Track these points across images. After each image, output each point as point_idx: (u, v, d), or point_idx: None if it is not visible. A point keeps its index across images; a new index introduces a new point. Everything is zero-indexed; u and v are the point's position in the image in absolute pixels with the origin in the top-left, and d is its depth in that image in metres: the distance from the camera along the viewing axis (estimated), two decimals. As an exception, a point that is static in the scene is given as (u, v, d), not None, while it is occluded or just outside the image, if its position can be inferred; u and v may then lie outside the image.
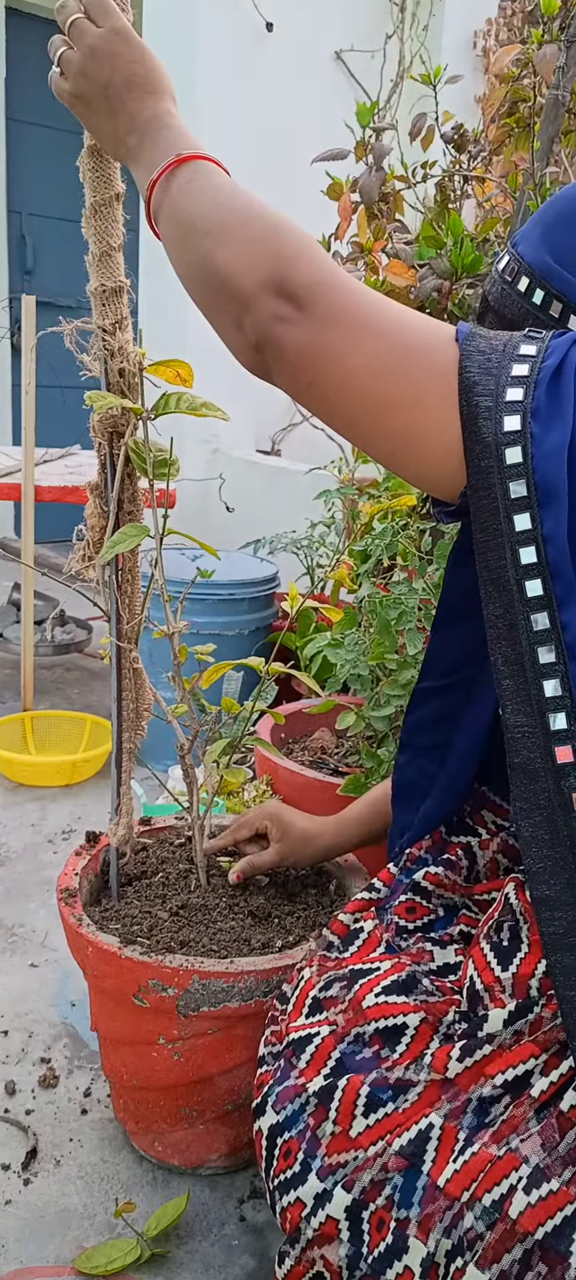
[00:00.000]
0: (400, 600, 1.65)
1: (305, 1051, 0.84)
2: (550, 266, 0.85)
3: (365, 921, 0.96)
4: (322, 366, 0.74)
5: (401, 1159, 0.74)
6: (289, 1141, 0.80)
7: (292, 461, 3.70)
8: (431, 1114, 0.75)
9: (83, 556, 1.15)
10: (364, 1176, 0.75)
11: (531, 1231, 0.66)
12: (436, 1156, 0.73)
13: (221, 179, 0.84)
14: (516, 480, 0.71)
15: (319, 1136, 0.78)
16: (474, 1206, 0.69)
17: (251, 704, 1.52)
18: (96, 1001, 1.17)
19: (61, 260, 4.59)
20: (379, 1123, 0.77)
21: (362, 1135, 0.77)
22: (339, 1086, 0.79)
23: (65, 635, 2.97)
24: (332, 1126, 0.78)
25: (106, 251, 1.07)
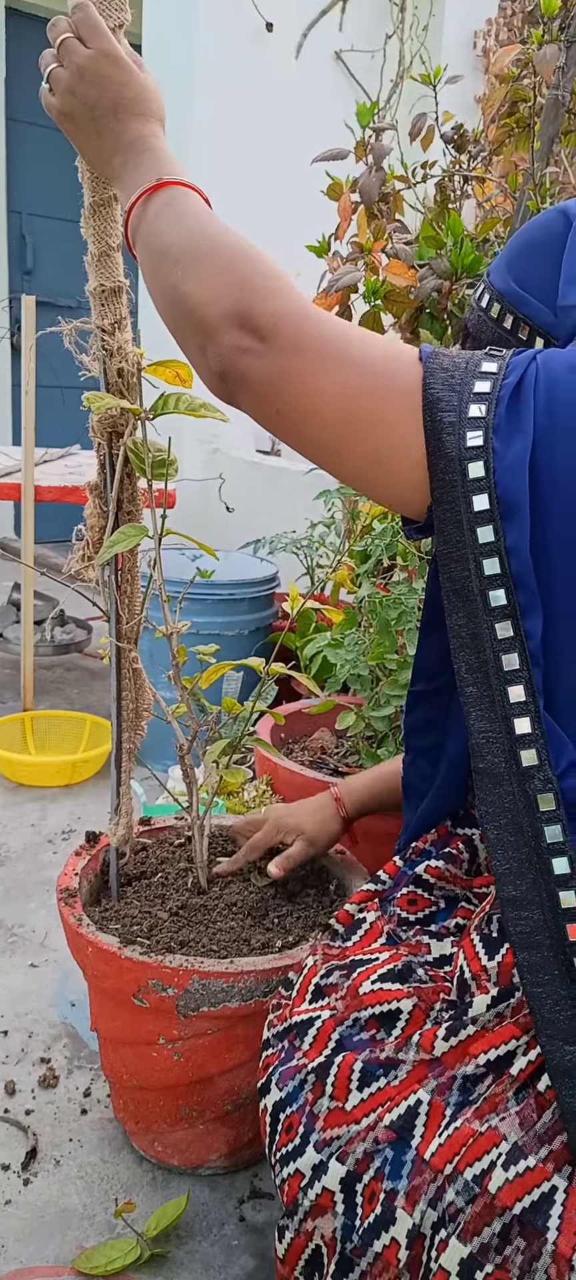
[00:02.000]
0: (400, 600, 1.65)
1: (307, 1034, 0.87)
2: (516, 292, 0.90)
3: (368, 912, 0.98)
4: (290, 395, 0.75)
5: (392, 1132, 0.76)
6: (290, 1117, 0.83)
7: (292, 461, 3.70)
8: (419, 1090, 0.77)
9: (82, 556, 1.15)
10: (357, 1148, 0.78)
11: (509, 1206, 0.68)
12: (425, 1131, 0.75)
13: (198, 206, 0.85)
14: (479, 494, 0.73)
15: (316, 1112, 0.82)
16: (456, 1180, 0.71)
17: (251, 704, 1.52)
18: (96, 1001, 1.17)
19: (61, 260, 4.60)
20: (372, 1096, 0.80)
21: (357, 1108, 0.79)
22: (335, 1063, 0.83)
23: (65, 635, 2.97)
24: (329, 1101, 0.81)
25: (105, 251, 1.07)
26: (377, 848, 1.58)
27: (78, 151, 0.97)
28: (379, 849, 1.58)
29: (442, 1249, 0.70)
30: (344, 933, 0.98)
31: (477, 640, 0.73)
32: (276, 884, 1.28)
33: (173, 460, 1.12)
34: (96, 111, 0.89)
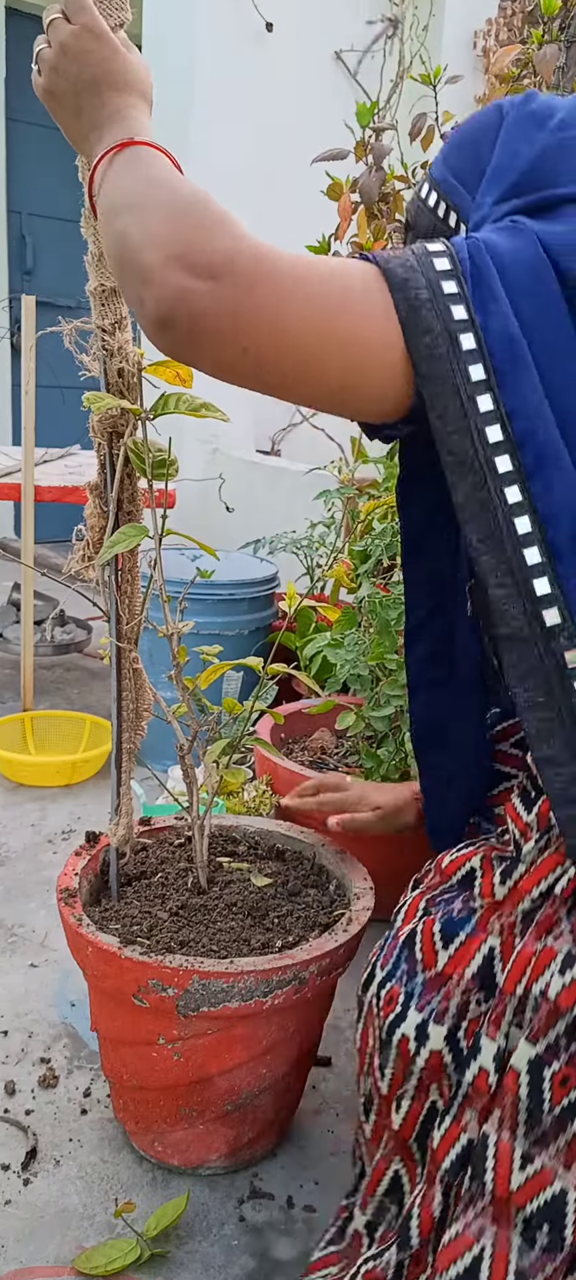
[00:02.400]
0: (400, 600, 1.65)
1: (400, 912, 0.97)
2: (449, 182, 0.92)
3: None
4: (255, 330, 0.73)
5: (475, 980, 0.86)
6: (391, 990, 0.90)
7: (293, 461, 3.70)
8: (488, 939, 0.86)
9: (82, 556, 1.15)
10: (452, 1004, 0.86)
11: (570, 1006, 0.75)
12: (500, 967, 0.84)
13: (161, 164, 0.83)
14: (474, 364, 0.75)
15: (413, 978, 0.89)
16: (527, 998, 0.79)
17: (251, 704, 1.52)
18: (96, 1001, 1.17)
19: (61, 260, 4.59)
20: (457, 951, 0.88)
21: (446, 966, 0.87)
22: (418, 930, 0.91)
23: (65, 635, 2.97)
24: (421, 968, 0.89)
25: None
26: (378, 848, 1.58)
27: (62, 129, 0.94)
28: (379, 849, 1.58)
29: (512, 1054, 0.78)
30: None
31: (486, 509, 0.75)
32: (276, 884, 1.28)
33: (173, 460, 1.12)
34: (78, 86, 0.88)
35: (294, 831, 1.42)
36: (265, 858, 1.37)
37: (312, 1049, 1.24)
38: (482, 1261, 0.77)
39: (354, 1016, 1.49)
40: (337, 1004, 1.45)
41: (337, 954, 1.11)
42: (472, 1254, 0.78)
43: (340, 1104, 1.32)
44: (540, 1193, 0.76)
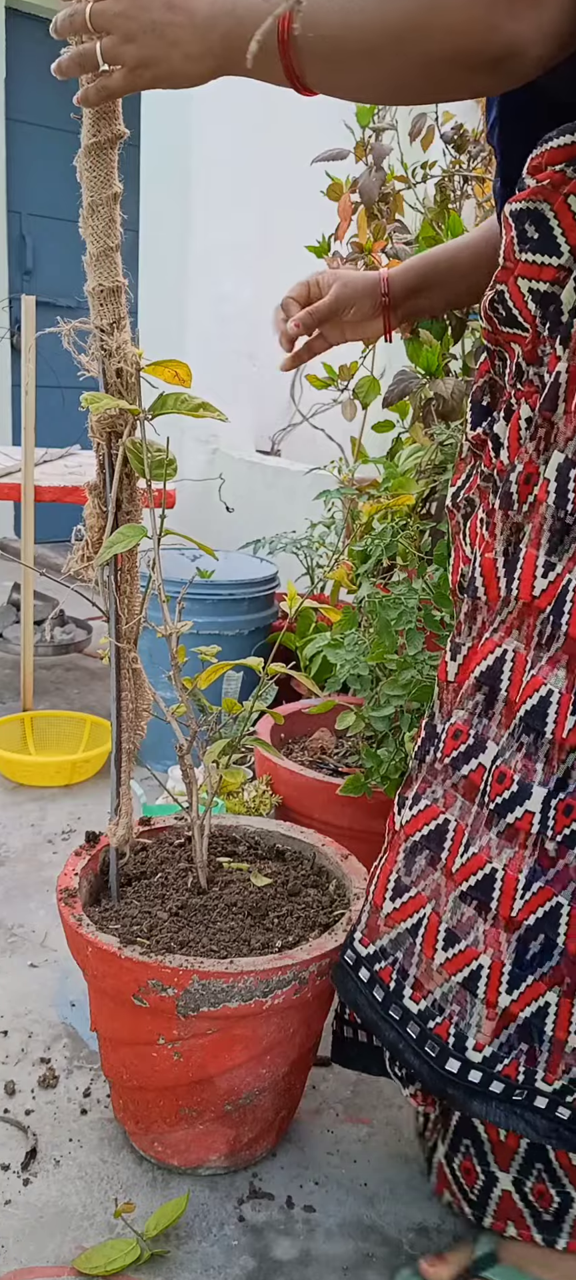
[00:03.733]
0: (400, 600, 1.65)
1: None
2: None
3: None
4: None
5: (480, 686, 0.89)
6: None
7: (292, 461, 3.70)
8: (506, 643, 0.87)
9: (82, 556, 1.15)
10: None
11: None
12: (510, 683, 0.87)
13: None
14: None
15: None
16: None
17: (251, 704, 1.52)
18: (96, 1002, 1.17)
19: (61, 260, 4.60)
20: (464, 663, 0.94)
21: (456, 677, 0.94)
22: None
23: (65, 635, 2.97)
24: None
25: (104, 251, 1.07)
26: (378, 848, 1.58)
27: (173, 85, 0.91)
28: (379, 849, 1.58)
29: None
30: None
31: None
32: (276, 884, 1.28)
33: (172, 460, 1.12)
34: (157, 27, 0.86)
35: (294, 831, 1.42)
36: (265, 858, 1.37)
37: (312, 1049, 1.24)
38: (504, 664, 0.86)
39: (354, 1016, 1.50)
40: (337, 1004, 1.45)
41: (338, 954, 1.11)
42: (496, 656, 0.86)
43: (340, 1104, 1.32)
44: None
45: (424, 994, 0.91)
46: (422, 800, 0.92)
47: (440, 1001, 0.89)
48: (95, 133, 1.04)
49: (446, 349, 1.92)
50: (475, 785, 0.88)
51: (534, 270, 0.83)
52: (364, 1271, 1.07)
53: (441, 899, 0.90)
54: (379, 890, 0.96)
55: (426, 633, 1.63)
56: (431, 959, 0.90)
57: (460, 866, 0.87)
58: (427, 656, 1.64)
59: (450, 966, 0.88)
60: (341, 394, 2.20)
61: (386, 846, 0.98)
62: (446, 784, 0.90)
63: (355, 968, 0.98)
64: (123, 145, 1.06)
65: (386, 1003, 0.94)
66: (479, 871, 0.86)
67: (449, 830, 0.90)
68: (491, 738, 0.87)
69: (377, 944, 0.95)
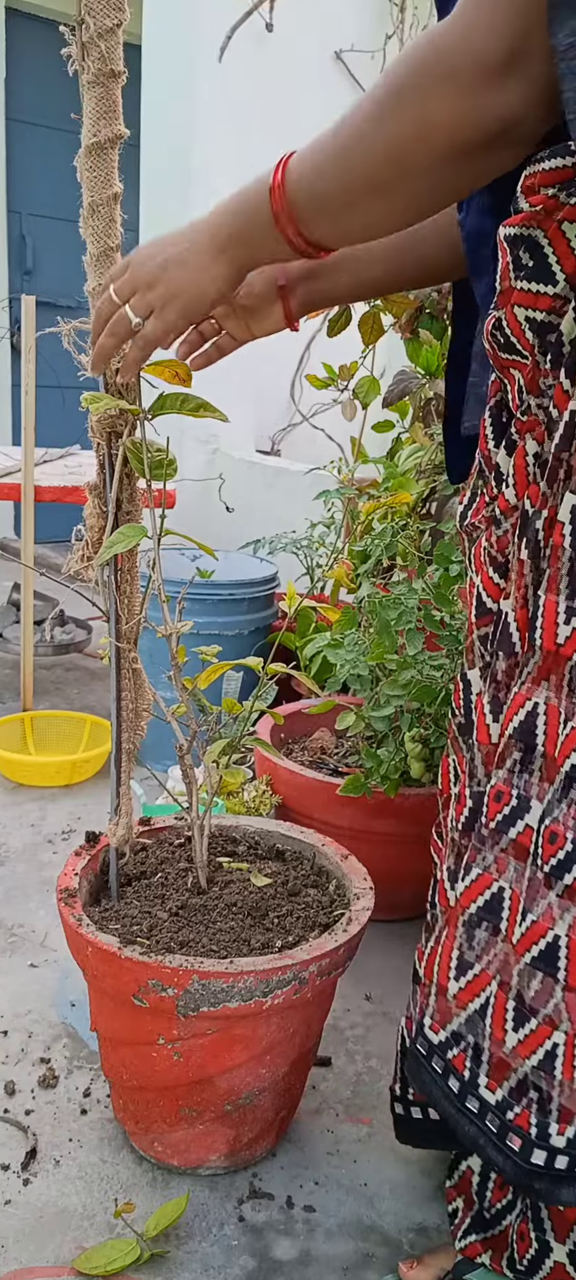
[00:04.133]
0: (400, 600, 1.65)
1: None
2: None
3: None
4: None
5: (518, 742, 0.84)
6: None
7: (293, 461, 3.70)
8: (535, 695, 0.82)
9: (82, 556, 1.15)
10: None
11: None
12: (546, 737, 0.81)
13: (315, 146, 0.84)
14: None
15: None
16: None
17: (251, 704, 1.52)
18: (96, 1001, 1.17)
19: (61, 260, 4.60)
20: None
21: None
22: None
23: (65, 635, 2.97)
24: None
25: (104, 251, 1.07)
26: (378, 848, 1.58)
27: (204, 304, 0.97)
28: (379, 849, 1.58)
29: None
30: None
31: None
32: (276, 884, 1.28)
33: (172, 460, 1.12)
34: (169, 262, 0.93)
35: (294, 831, 1.42)
36: (265, 858, 1.37)
37: (312, 1049, 1.24)
38: (537, 718, 0.81)
39: (354, 1017, 1.50)
40: (337, 1004, 1.45)
41: (337, 954, 1.11)
42: (527, 710, 0.81)
43: (340, 1104, 1.32)
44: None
45: (500, 1081, 0.84)
46: (474, 869, 0.86)
47: (517, 1089, 0.83)
48: (95, 133, 1.04)
49: (446, 349, 1.92)
50: (525, 848, 0.83)
51: (529, 299, 0.81)
52: (364, 1271, 1.07)
53: (505, 973, 0.84)
54: (443, 970, 0.88)
55: (426, 633, 1.63)
56: (502, 1041, 0.83)
57: (521, 936, 0.82)
58: (427, 656, 1.64)
59: (523, 1049, 0.82)
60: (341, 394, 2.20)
61: (444, 922, 0.91)
62: (495, 850, 0.85)
63: (428, 1057, 0.91)
64: (123, 145, 1.06)
65: (462, 1094, 0.87)
66: (540, 941, 0.80)
67: (504, 898, 0.84)
68: (535, 795, 0.82)
69: (449, 1029, 0.88)
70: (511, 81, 0.73)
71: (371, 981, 1.59)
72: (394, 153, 0.79)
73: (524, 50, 0.72)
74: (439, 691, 1.61)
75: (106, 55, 0.99)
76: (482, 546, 0.90)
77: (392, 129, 0.78)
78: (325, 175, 0.84)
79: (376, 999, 1.55)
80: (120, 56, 1.00)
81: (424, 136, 0.77)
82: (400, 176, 0.80)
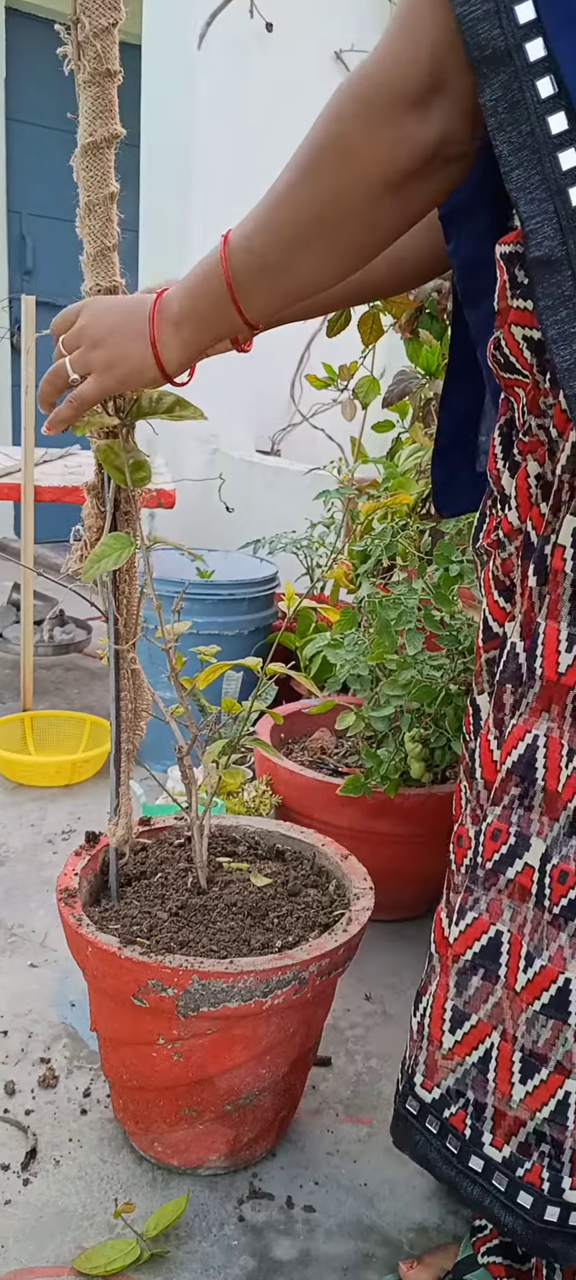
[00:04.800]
0: (399, 600, 1.65)
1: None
2: None
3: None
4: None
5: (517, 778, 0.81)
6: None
7: (292, 461, 3.70)
8: (535, 727, 0.80)
9: (80, 557, 1.15)
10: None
11: None
12: (546, 771, 0.78)
13: (254, 214, 0.84)
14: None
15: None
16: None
17: (251, 704, 1.52)
18: (96, 1002, 1.17)
19: (61, 260, 4.59)
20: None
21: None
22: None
23: (65, 635, 2.97)
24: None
25: (101, 251, 1.07)
26: (378, 848, 1.58)
27: (144, 380, 0.95)
28: (379, 849, 1.58)
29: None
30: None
31: (517, 111, 0.68)
32: (276, 884, 1.28)
33: (144, 463, 1.10)
34: (118, 326, 0.92)
35: (294, 831, 1.42)
36: (265, 858, 1.37)
37: (312, 1049, 1.24)
38: (537, 750, 0.78)
39: (354, 1017, 1.50)
40: (337, 1004, 1.45)
41: (337, 954, 1.11)
42: (527, 743, 0.79)
43: (340, 1104, 1.32)
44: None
45: (506, 1138, 0.80)
46: (468, 914, 0.82)
47: (526, 1144, 0.79)
48: (91, 132, 1.03)
49: (446, 349, 1.92)
50: (525, 888, 0.79)
51: (526, 317, 0.79)
52: (364, 1272, 1.07)
53: (507, 1022, 0.80)
54: (434, 1022, 0.84)
55: (426, 633, 1.63)
56: (508, 1096, 0.79)
57: (527, 983, 0.78)
58: (427, 656, 1.64)
59: (532, 1101, 0.78)
60: (341, 394, 2.20)
61: (437, 969, 0.87)
62: (491, 891, 0.81)
63: (420, 1117, 0.86)
64: (122, 145, 1.06)
65: (464, 1154, 0.83)
66: (551, 986, 0.77)
67: (503, 943, 0.80)
68: (534, 832, 0.78)
69: (443, 1085, 0.84)
70: (435, 105, 0.71)
71: (371, 981, 1.59)
72: (326, 198, 0.77)
73: (443, 73, 0.70)
74: (439, 691, 1.61)
75: (102, 55, 0.99)
76: (489, 569, 0.88)
77: (322, 174, 0.77)
78: (260, 233, 0.82)
79: (376, 999, 1.55)
80: (116, 56, 1.00)
81: (355, 176, 0.75)
82: (335, 221, 0.78)
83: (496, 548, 0.87)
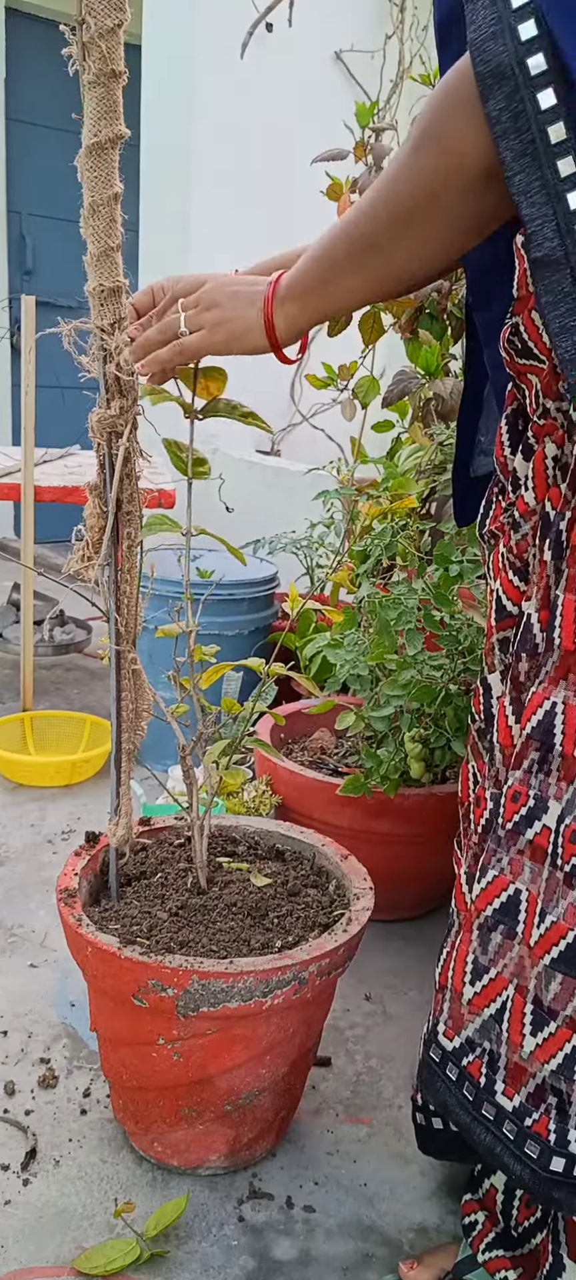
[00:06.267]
0: (400, 600, 1.65)
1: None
2: None
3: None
4: None
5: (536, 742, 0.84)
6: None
7: (292, 461, 3.70)
8: (554, 694, 0.82)
9: (81, 557, 1.15)
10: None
11: None
12: (564, 737, 0.81)
13: (326, 238, 0.90)
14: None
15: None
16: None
17: (251, 704, 1.52)
18: (96, 1002, 1.17)
19: (61, 260, 4.60)
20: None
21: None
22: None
23: (65, 635, 2.97)
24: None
25: (105, 251, 1.07)
26: (378, 848, 1.58)
27: (247, 345, 1.00)
28: (379, 849, 1.58)
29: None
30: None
31: (520, 120, 0.72)
32: (276, 884, 1.28)
33: (204, 459, 1.17)
34: (240, 293, 0.98)
35: (294, 831, 1.42)
36: (265, 858, 1.37)
37: (312, 1049, 1.24)
38: (555, 717, 0.81)
39: (354, 1017, 1.50)
40: (337, 1004, 1.45)
41: (337, 954, 1.11)
42: (545, 709, 0.82)
43: (340, 1104, 1.32)
44: None
45: (517, 1088, 0.83)
46: (490, 871, 0.85)
47: (535, 1095, 0.82)
48: (96, 133, 1.03)
49: (446, 349, 1.92)
50: (542, 849, 0.82)
51: None
52: (364, 1272, 1.07)
53: (523, 976, 0.83)
54: (457, 975, 0.87)
55: (426, 633, 1.63)
56: (520, 1046, 0.82)
57: (539, 939, 0.81)
58: (427, 656, 1.64)
59: (542, 1053, 0.81)
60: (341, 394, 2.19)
61: (459, 926, 0.91)
62: (512, 851, 0.84)
63: (442, 1064, 0.89)
64: (123, 146, 1.06)
65: (478, 1101, 0.86)
66: (560, 942, 0.79)
67: (521, 900, 0.83)
68: (552, 795, 0.81)
69: (463, 1035, 0.87)
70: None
71: (371, 981, 1.59)
72: (421, 186, 0.80)
73: None
74: (439, 691, 1.61)
75: (107, 55, 0.99)
76: (500, 552, 0.90)
77: (420, 162, 0.80)
78: (364, 217, 0.86)
79: (376, 999, 1.55)
80: (121, 56, 1.00)
81: (449, 165, 0.78)
82: (427, 209, 0.81)
83: (506, 530, 0.90)
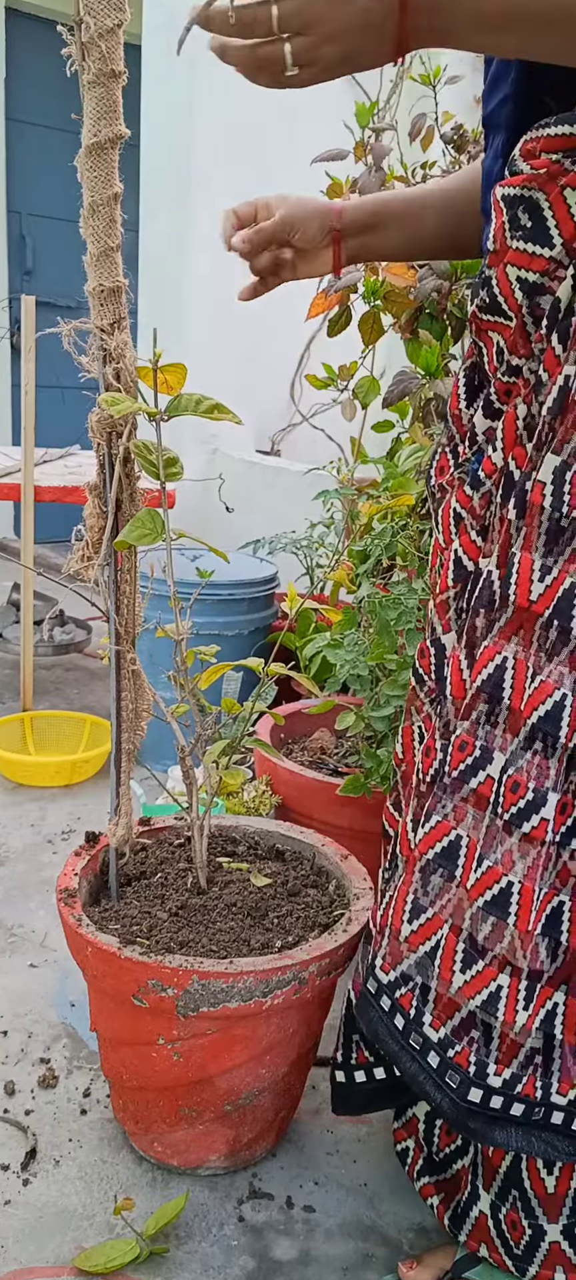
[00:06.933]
0: (399, 600, 1.65)
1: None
2: None
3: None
4: None
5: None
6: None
7: (292, 461, 3.70)
8: (505, 649, 0.85)
9: (81, 557, 1.15)
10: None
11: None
12: (513, 691, 0.84)
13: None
14: None
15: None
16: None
17: (251, 704, 1.52)
18: (96, 1002, 1.17)
19: (61, 260, 4.60)
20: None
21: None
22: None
23: (65, 635, 2.97)
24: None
25: (105, 251, 1.07)
26: (378, 848, 1.58)
27: (364, 68, 0.84)
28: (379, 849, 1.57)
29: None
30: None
31: None
32: (276, 884, 1.28)
33: (175, 459, 1.13)
34: (370, 14, 0.79)
35: (294, 832, 1.42)
36: (265, 858, 1.37)
37: (312, 1049, 1.24)
38: (505, 671, 0.84)
39: (353, 1016, 1.50)
40: (337, 1004, 1.45)
41: (337, 954, 1.11)
42: (496, 664, 0.85)
43: (340, 1104, 1.32)
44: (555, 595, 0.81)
45: (444, 1020, 0.87)
46: (434, 816, 0.89)
47: (460, 1027, 0.86)
48: (96, 133, 1.04)
49: (446, 349, 1.92)
50: (485, 798, 0.86)
51: (524, 259, 0.82)
52: (364, 1272, 1.07)
53: (459, 917, 0.87)
54: (397, 913, 0.92)
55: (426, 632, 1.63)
56: (449, 982, 0.86)
57: (475, 881, 0.85)
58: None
59: (469, 989, 0.85)
60: (341, 394, 2.20)
61: (402, 869, 0.95)
62: (455, 798, 0.88)
63: (377, 996, 0.94)
64: (123, 146, 1.06)
65: (406, 1031, 0.90)
66: (495, 885, 0.84)
67: (462, 845, 0.87)
68: (497, 747, 0.85)
69: (399, 969, 0.91)
70: None
71: (371, 981, 1.59)
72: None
73: None
74: (439, 691, 1.60)
75: (107, 55, 0.99)
76: (452, 506, 0.93)
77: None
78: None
79: (376, 999, 1.55)
80: (121, 56, 1.00)
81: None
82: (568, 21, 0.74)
83: (458, 485, 0.92)
